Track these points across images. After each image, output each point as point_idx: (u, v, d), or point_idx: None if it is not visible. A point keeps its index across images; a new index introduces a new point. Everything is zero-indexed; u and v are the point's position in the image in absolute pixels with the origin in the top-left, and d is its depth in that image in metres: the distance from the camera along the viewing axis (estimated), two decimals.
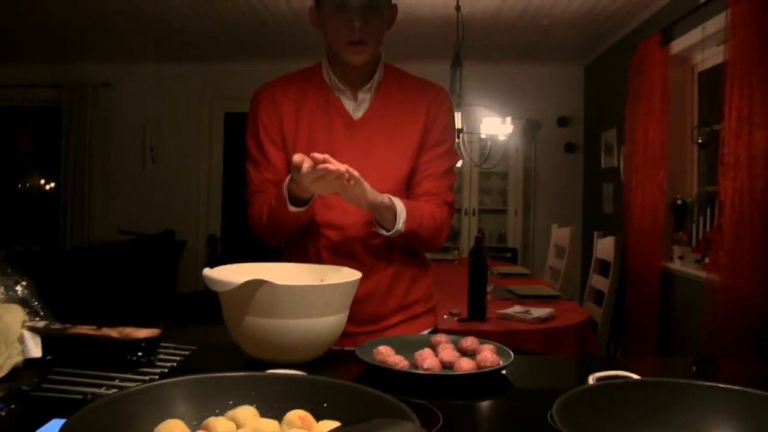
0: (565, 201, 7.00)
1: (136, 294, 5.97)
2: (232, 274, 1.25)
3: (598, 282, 3.88)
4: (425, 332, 1.84)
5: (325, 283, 1.31)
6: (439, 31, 5.29)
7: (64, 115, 7.01)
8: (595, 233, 4.21)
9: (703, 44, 4.11)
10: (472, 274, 2.82)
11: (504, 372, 1.29)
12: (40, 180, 7.55)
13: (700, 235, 4.16)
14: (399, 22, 1.83)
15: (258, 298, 1.19)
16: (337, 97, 1.80)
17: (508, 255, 5.92)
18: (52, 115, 7.19)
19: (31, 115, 7.44)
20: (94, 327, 1.13)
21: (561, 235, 4.72)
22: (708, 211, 4.10)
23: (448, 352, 1.27)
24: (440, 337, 1.40)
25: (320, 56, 1.87)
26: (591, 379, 1.11)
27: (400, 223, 1.66)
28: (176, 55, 6.80)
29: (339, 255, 1.76)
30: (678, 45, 4.44)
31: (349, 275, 1.35)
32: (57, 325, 1.13)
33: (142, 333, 1.12)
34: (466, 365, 1.22)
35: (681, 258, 4.34)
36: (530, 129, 6.94)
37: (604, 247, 3.95)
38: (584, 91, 6.98)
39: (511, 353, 1.31)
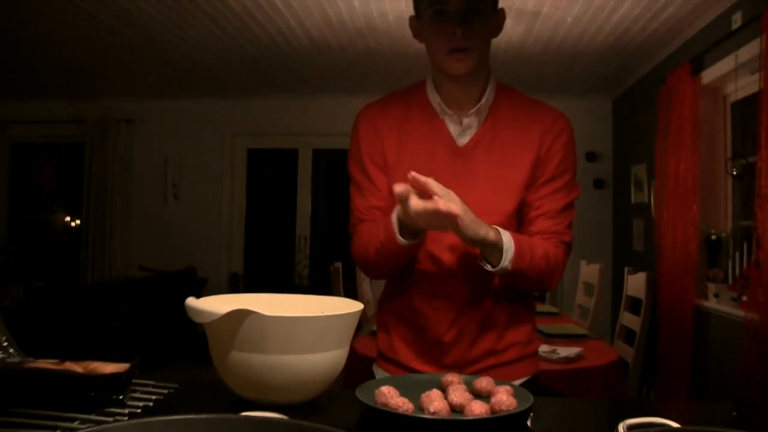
0: (595, 237, 6.80)
1: (156, 331, 5.88)
2: (218, 304, 1.12)
3: (629, 320, 3.69)
4: (522, 380, 1.69)
5: (324, 314, 1.17)
6: None
7: (87, 150, 7.02)
8: (626, 269, 4.03)
9: (736, 73, 3.96)
10: None
11: (528, 418, 1.14)
12: (62, 216, 7.53)
13: (737, 272, 3.96)
14: (422, 54, 1.72)
15: (244, 330, 1.07)
16: (442, 120, 1.66)
17: (536, 293, 5.73)
18: (74, 151, 7.20)
19: (53, 151, 7.46)
20: (56, 361, 1.01)
21: (590, 271, 4.54)
22: (744, 246, 3.91)
23: (459, 394, 1.13)
24: (452, 377, 1.26)
25: (343, 89, 1.76)
26: (621, 428, 0.96)
27: (507, 261, 1.50)
28: (199, 91, 6.79)
29: (433, 290, 1.64)
30: (709, 75, 4.29)
31: (350, 306, 1.22)
32: (15, 359, 1.01)
33: (110, 368, 1.00)
34: (478, 409, 1.08)
35: (716, 296, 4.13)
36: None
37: (635, 283, 3.76)
38: (613, 126, 6.83)
39: (531, 396, 1.16)
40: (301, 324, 1.08)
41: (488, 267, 1.52)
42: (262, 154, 7.25)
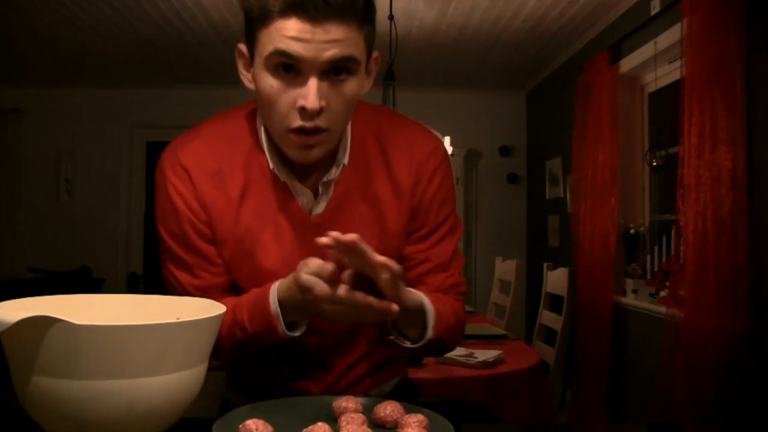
0: (509, 234, 6.67)
1: None
2: (16, 309, 0.80)
3: (549, 319, 3.49)
4: (393, 382, 1.44)
5: (181, 320, 0.85)
6: None
7: None
8: (545, 265, 3.84)
9: (656, 61, 3.83)
10: None
11: None
12: None
13: (655, 267, 3.83)
14: None
15: (47, 347, 0.75)
16: (284, 184, 1.24)
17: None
18: None
19: None
20: None
21: (506, 268, 4.34)
22: (664, 240, 3.78)
23: (353, 429, 0.84)
24: (347, 402, 0.97)
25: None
26: None
27: (429, 330, 1.18)
28: (93, 80, 6.31)
29: (306, 365, 1.34)
30: (627, 63, 4.16)
31: (210, 309, 0.92)
32: None
33: None
34: None
35: (635, 292, 4.00)
36: (471, 159, 6.62)
37: (555, 279, 3.57)
38: (527, 119, 6.70)
39: (452, 428, 0.88)
40: (128, 336, 0.76)
41: (407, 343, 1.20)
42: (162, 146, 6.71)
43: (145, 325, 0.75)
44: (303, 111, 1.09)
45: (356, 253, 1.03)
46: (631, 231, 4.21)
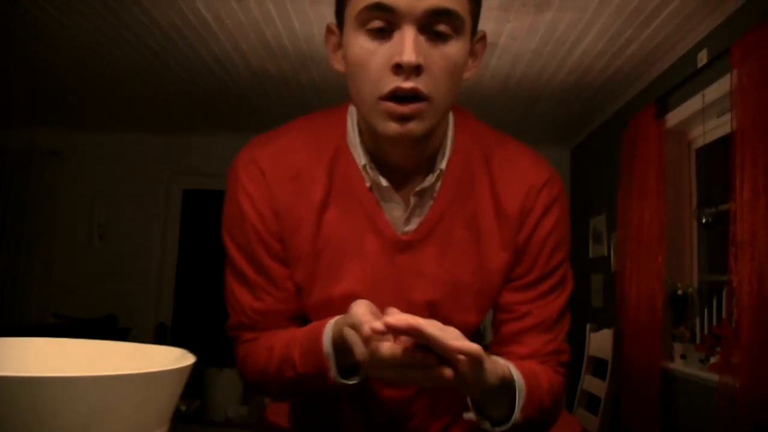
0: None
1: None
2: None
3: (592, 384, 3.26)
4: None
5: (123, 373, 0.70)
6: None
7: (4, 183, 6.41)
8: (588, 326, 3.62)
9: (704, 114, 3.65)
10: None
11: None
12: None
13: (705, 331, 3.59)
14: None
15: None
16: (372, 196, 1.09)
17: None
18: None
19: None
20: None
21: None
22: (714, 302, 3.54)
23: None
24: None
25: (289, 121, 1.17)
26: None
27: (517, 411, 1.00)
28: (132, 125, 6.31)
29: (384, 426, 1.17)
30: (674, 117, 3.99)
31: (177, 359, 0.77)
32: None
33: None
34: None
35: (683, 357, 3.74)
36: None
37: (599, 342, 3.35)
38: (570, 176, 6.52)
39: None
40: (53, 390, 0.61)
41: (487, 426, 1.01)
42: (199, 195, 6.72)
43: (73, 377, 0.60)
44: (398, 69, 0.94)
45: (423, 337, 0.85)
46: (679, 292, 3.97)
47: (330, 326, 0.99)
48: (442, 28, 0.96)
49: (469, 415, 1.01)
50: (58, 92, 5.36)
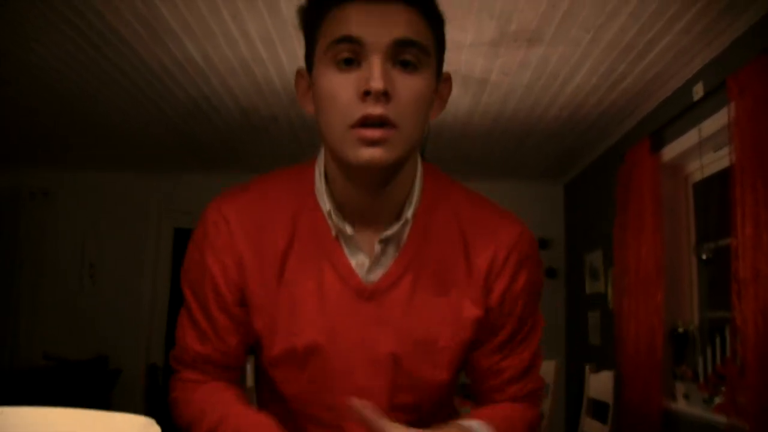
0: (547, 330, 6.10)
1: None
2: None
3: (592, 427, 3.16)
4: None
5: None
6: None
7: None
8: (587, 367, 3.52)
9: (701, 148, 3.61)
10: None
11: None
12: None
13: (708, 370, 3.50)
14: None
15: None
16: (338, 242, 1.09)
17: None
18: None
19: None
20: None
21: (543, 369, 4.01)
22: (717, 340, 3.46)
23: None
24: None
25: (274, 166, 1.23)
26: None
27: None
28: (121, 163, 6.25)
29: None
30: (670, 151, 3.95)
31: (144, 430, 0.69)
32: None
33: None
34: None
35: (686, 397, 3.65)
36: None
37: (599, 384, 3.25)
38: (565, 211, 6.47)
39: None
40: None
41: None
42: (190, 234, 6.63)
43: None
44: (367, 96, 0.96)
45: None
46: (680, 329, 3.90)
47: None
48: (408, 57, 0.99)
49: None
50: (47, 131, 5.30)
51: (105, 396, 5.79)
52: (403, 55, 0.98)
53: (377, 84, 0.95)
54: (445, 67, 1.12)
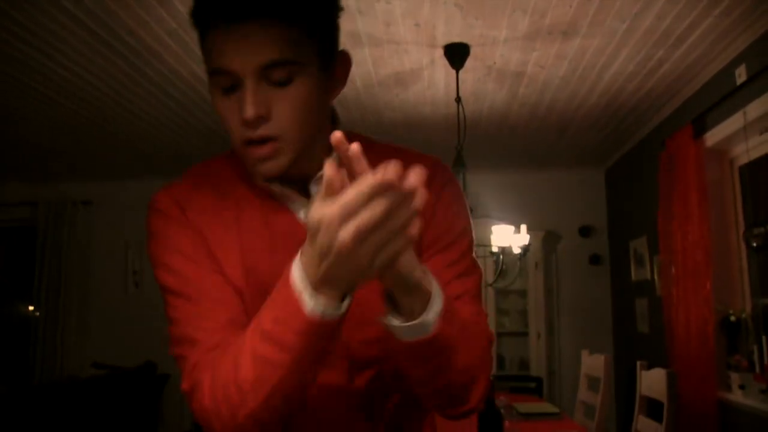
0: (593, 320, 6.25)
1: None
2: None
3: (647, 426, 3.10)
4: None
5: None
6: (441, 134, 4.74)
7: (40, 235, 6.43)
8: (638, 363, 3.45)
9: (746, 131, 3.51)
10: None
11: None
12: (12, 307, 6.89)
13: (765, 359, 3.42)
14: (397, 124, 1.15)
15: None
16: (278, 200, 1.11)
17: (532, 385, 5.10)
18: (26, 235, 6.62)
19: (3, 236, 6.88)
20: None
21: (593, 363, 3.95)
22: None
23: None
24: None
25: None
26: None
27: (432, 312, 0.89)
28: (161, 172, 6.28)
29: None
30: (714, 136, 3.84)
31: None
32: None
33: None
34: None
35: (742, 387, 3.57)
36: (549, 242, 6.32)
37: (652, 382, 3.17)
38: (607, 198, 6.37)
39: None
40: None
41: (396, 322, 0.89)
42: None
43: None
44: (245, 122, 1.00)
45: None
46: (732, 318, 3.81)
47: (295, 262, 0.88)
48: (277, 76, 1.00)
49: (381, 319, 0.91)
50: (87, 145, 5.37)
51: (154, 402, 5.87)
52: (272, 76, 0.99)
53: (249, 113, 0.98)
54: (479, 62, 1.15)
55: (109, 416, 5.24)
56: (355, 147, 0.81)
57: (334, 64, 1.09)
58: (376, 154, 1.04)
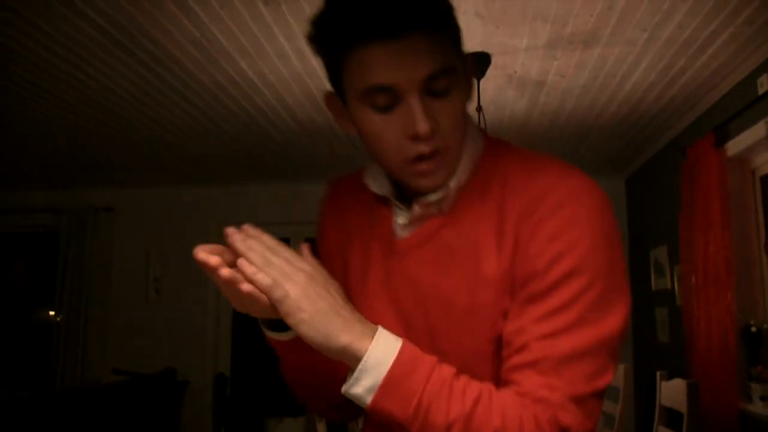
0: None
1: None
2: None
3: None
4: None
5: None
6: None
7: (63, 241, 6.50)
8: (658, 374, 3.42)
9: None
10: None
11: None
12: (35, 314, 6.97)
13: None
14: None
15: None
16: (388, 205, 1.14)
17: None
18: (49, 241, 6.69)
19: (26, 243, 6.96)
20: None
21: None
22: None
23: None
24: None
25: (337, 174, 1.32)
26: None
27: (359, 385, 0.88)
28: (182, 178, 6.36)
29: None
30: (736, 145, 3.82)
31: None
32: None
33: None
34: None
35: (763, 399, 3.54)
36: None
37: (672, 392, 3.15)
38: (627, 206, 6.34)
39: None
40: None
41: (344, 387, 0.92)
42: None
43: None
44: (416, 138, 0.97)
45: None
46: (753, 329, 3.77)
47: None
48: (440, 87, 0.98)
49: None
50: (109, 152, 5.42)
51: (175, 408, 5.90)
52: (437, 86, 0.97)
53: (424, 128, 0.96)
54: (499, 71, 1.19)
55: (130, 423, 5.27)
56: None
57: (466, 68, 1.06)
58: (507, 163, 1.08)
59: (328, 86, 1.10)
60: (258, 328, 1.10)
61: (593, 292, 0.93)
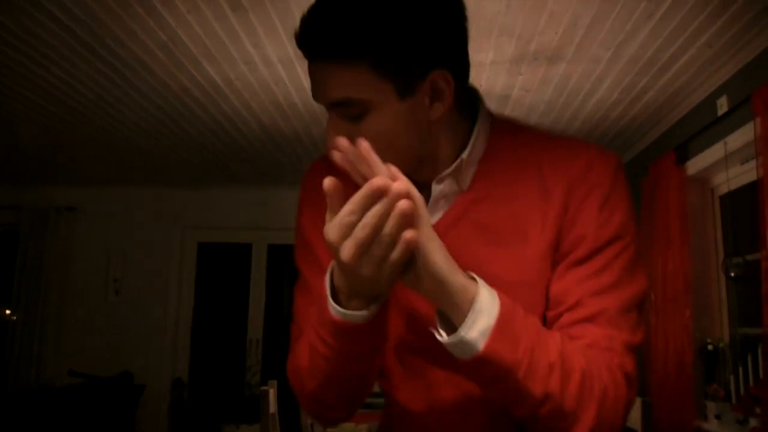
0: None
1: None
2: None
3: None
4: None
5: None
6: None
7: (22, 240, 6.37)
8: None
9: (727, 161, 3.55)
10: None
11: None
12: None
13: (741, 389, 3.43)
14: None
15: None
16: None
17: None
18: (8, 240, 6.55)
19: None
20: None
21: None
22: (749, 357, 3.39)
23: None
24: None
25: (298, 180, 1.27)
26: None
27: (473, 330, 0.85)
28: (145, 180, 6.29)
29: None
30: (696, 164, 3.88)
31: None
32: None
33: None
34: None
35: (718, 417, 3.58)
36: None
37: None
38: None
39: None
40: None
41: (440, 336, 0.89)
42: (214, 248, 6.67)
43: None
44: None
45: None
46: (710, 347, 3.83)
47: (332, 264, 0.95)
48: (351, 113, 0.98)
49: (431, 329, 0.91)
50: (71, 150, 5.34)
51: (130, 413, 5.82)
52: (344, 112, 0.98)
53: (328, 143, 0.96)
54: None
55: (84, 426, 5.18)
56: (363, 146, 0.84)
57: (421, 87, 0.98)
58: (523, 143, 1.08)
59: (294, 94, 1.12)
60: (217, 334, 1.08)
61: (628, 254, 1.02)
